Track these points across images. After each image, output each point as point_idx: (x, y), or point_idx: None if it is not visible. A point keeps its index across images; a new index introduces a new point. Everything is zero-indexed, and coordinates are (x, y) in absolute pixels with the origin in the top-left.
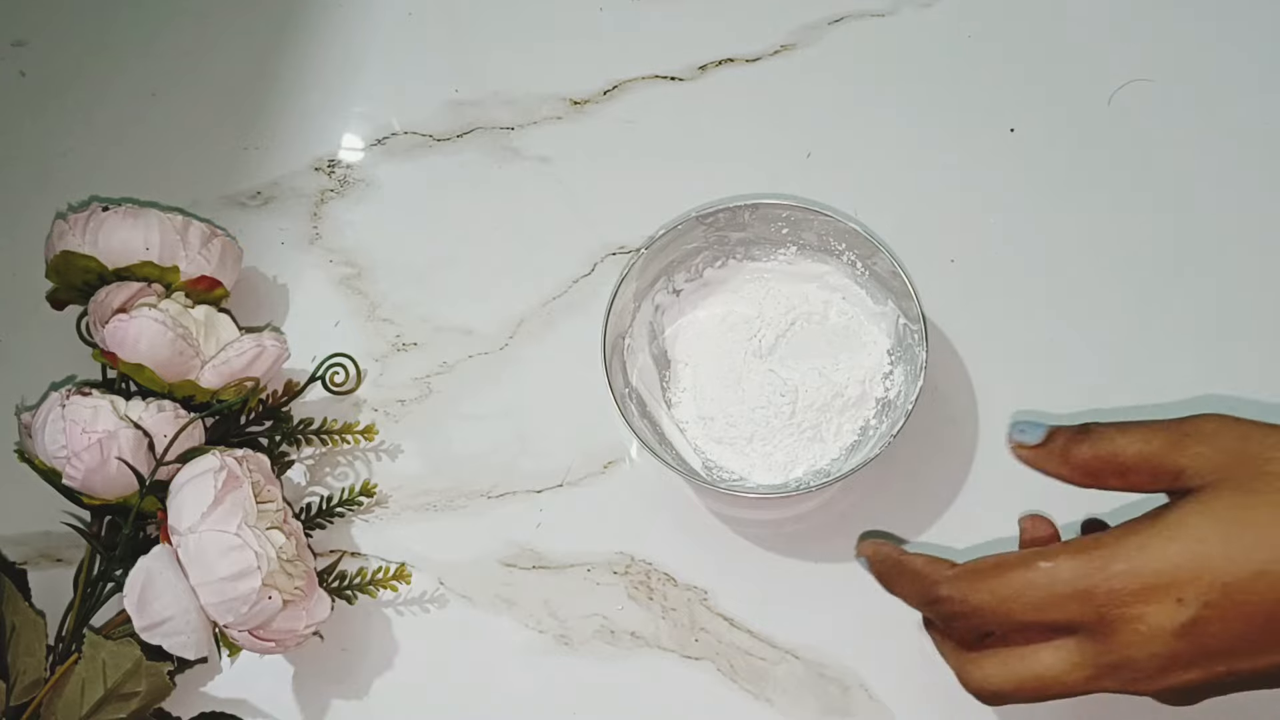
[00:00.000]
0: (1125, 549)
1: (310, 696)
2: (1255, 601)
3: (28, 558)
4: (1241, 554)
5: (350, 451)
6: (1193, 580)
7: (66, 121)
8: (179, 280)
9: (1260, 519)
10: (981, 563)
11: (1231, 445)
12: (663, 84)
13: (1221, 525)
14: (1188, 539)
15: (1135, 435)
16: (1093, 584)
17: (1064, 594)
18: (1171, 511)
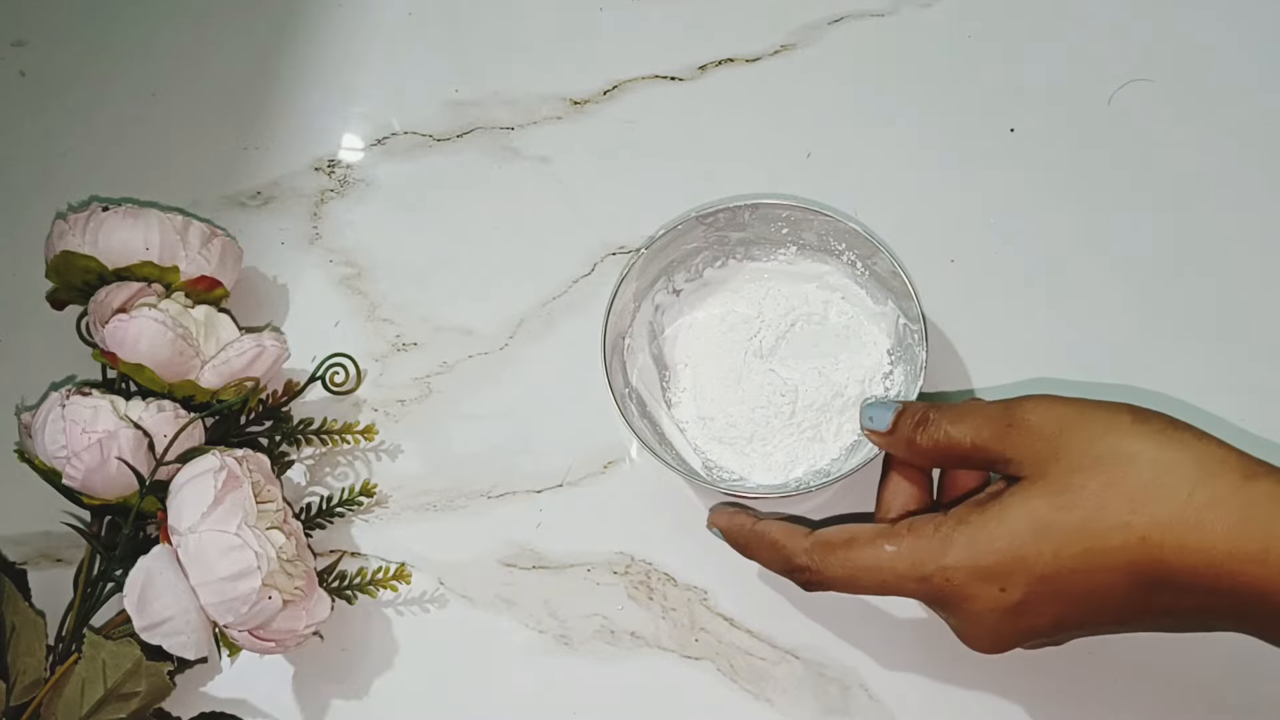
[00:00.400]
0: (957, 541)
1: (310, 696)
2: (1070, 590)
3: (28, 558)
4: (1052, 551)
5: (350, 451)
6: (1013, 572)
7: (66, 121)
8: (179, 280)
9: (1070, 520)
10: (834, 536)
11: (1051, 437)
12: (663, 84)
13: (1037, 523)
14: (1008, 535)
15: (968, 425)
16: (928, 572)
17: (904, 576)
18: (996, 503)
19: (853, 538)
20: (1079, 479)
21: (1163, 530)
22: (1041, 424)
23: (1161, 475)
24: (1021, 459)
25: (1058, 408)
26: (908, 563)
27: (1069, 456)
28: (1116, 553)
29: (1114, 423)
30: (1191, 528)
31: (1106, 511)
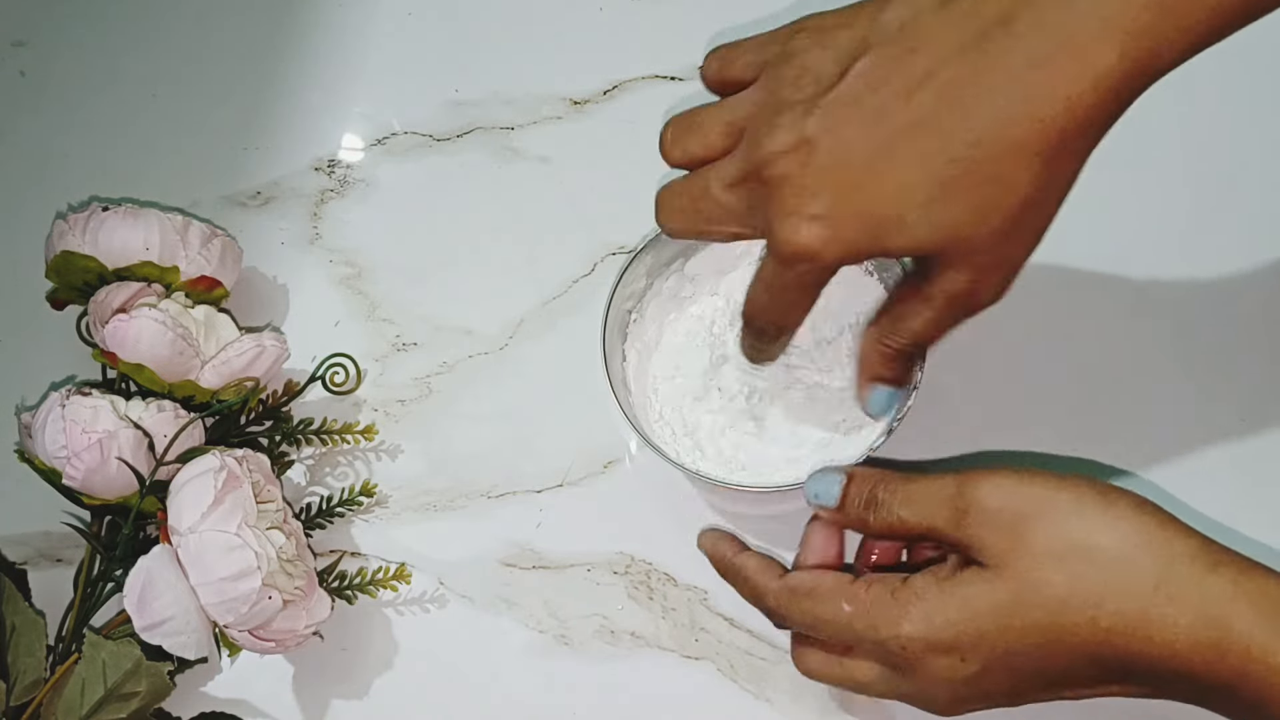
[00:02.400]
0: (913, 615)
1: (310, 696)
2: (1030, 667)
3: (28, 558)
4: (1016, 636)
5: (350, 451)
6: (972, 647)
7: (66, 121)
8: (179, 280)
9: (1034, 615)
10: (800, 583)
11: (1011, 525)
12: (663, 84)
13: (999, 611)
14: (969, 618)
15: (920, 509)
16: (884, 638)
17: (862, 638)
18: (955, 584)
19: (814, 588)
20: (1044, 575)
21: (1127, 625)
22: (1000, 510)
23: (1128, 570)
24: (981, 548)
25: (1017, 490)
26: (864, 624)
27: (1031, 551)
28: (1080, 644)
29: (1078, 509)
30: (1155, 622)
31: (1071, 608)
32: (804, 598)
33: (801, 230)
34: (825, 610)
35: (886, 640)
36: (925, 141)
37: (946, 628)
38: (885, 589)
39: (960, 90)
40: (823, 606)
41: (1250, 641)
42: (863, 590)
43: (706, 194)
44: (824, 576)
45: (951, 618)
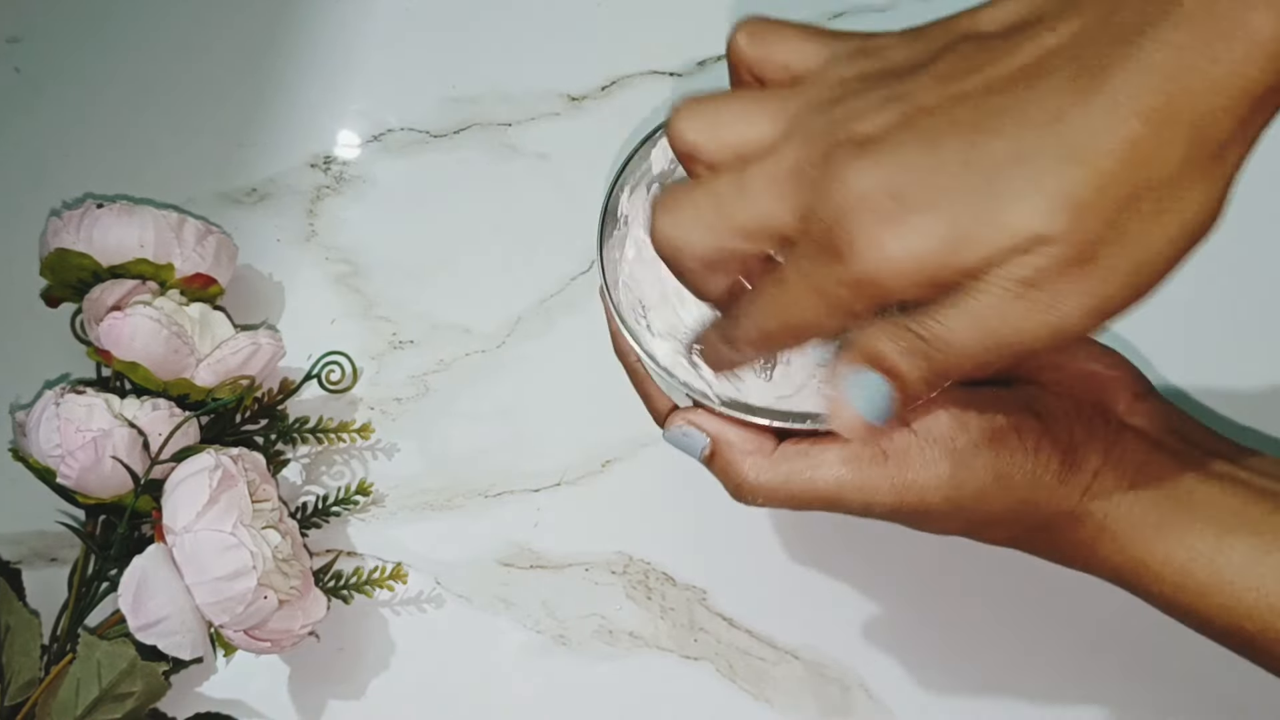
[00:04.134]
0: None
1: (306, 697)
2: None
3: (22, 557)
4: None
5: (346, 450)
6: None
7: (61, 118)
8: (174, 278)
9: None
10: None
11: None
12: (661, 79)
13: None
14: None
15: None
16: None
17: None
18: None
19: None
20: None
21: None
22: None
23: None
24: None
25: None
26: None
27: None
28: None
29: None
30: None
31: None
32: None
33: (890, 243)
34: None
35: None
36: (1044, 139)
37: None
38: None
39: (1093, 81)
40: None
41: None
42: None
43: (741, 194)
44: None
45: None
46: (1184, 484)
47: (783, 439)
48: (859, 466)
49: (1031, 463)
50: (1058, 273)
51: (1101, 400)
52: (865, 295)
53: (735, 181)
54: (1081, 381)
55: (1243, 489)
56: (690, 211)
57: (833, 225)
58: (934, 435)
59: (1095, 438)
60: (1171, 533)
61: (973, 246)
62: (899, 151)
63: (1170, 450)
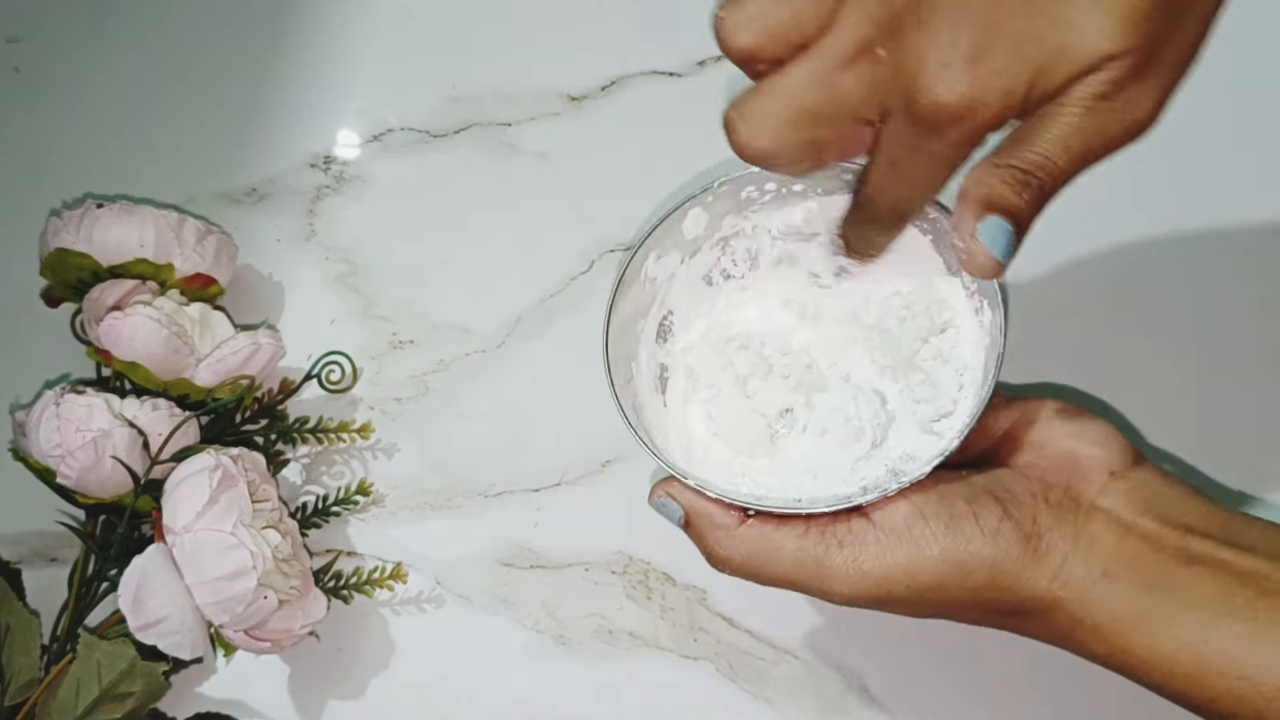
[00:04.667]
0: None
1: (306, 697)
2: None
3: (22, 557)
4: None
5: (346, 450)
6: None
7: (61, 118)
8: (174, 278)
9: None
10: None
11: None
12: (661, 79)
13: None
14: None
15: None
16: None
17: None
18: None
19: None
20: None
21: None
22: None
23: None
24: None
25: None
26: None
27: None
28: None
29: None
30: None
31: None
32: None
33: (958, 80)
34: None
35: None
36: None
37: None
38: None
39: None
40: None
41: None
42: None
43: (815, 82)
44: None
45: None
46: (1161, 569)
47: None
48: (813, 553)
49: (990, 549)
50: (1129, 80)
51: (1073, 482)
52: (968, 147)
53: (806, 74)
54: (1057, 462)
55: (1225, 571)
56: (769, 116)
57: (927, 100)
58: (891, 525)
59: (1063, 522)
60: (1153, 622)
61: (1051, 75)
62: (961, 8)
63: (1145, 534)
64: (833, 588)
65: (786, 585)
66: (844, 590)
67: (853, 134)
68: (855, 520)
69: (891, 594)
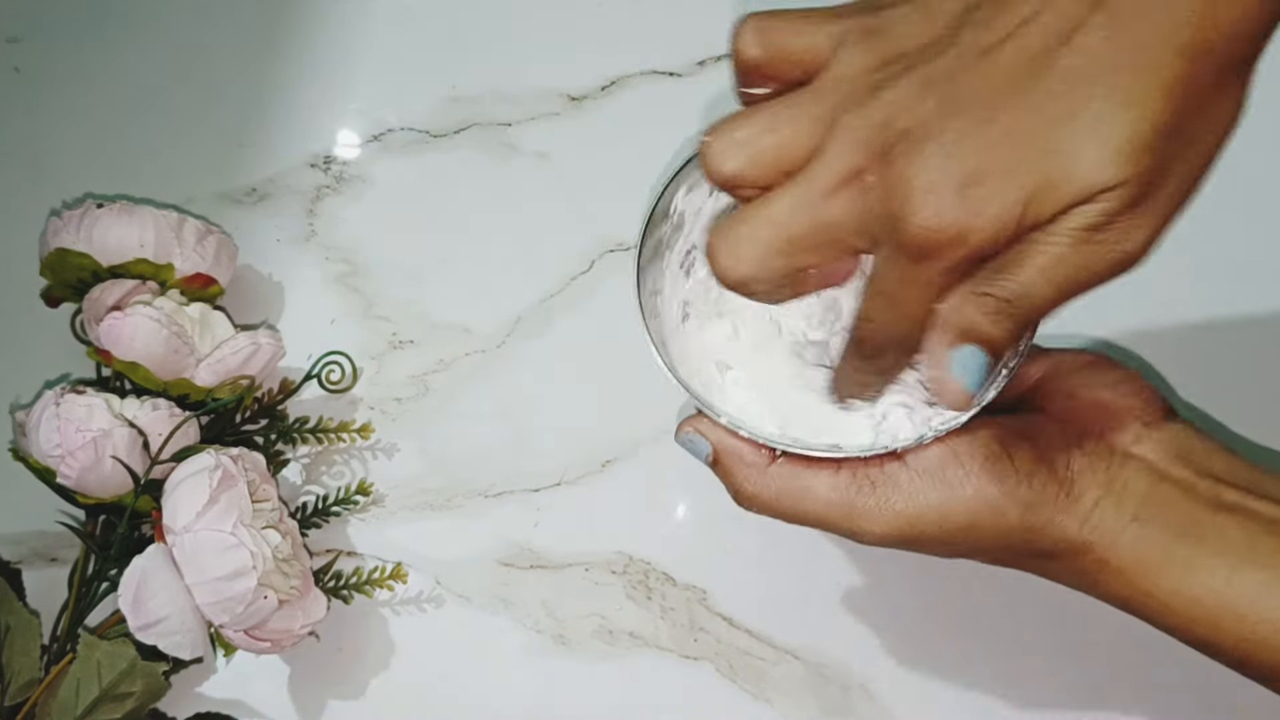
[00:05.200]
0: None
1: (306, 697)
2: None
3: (22, 557)
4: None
5: (346, 450)
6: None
7: (61, 118)
8: (174, 278)
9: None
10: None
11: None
12: (661, 79)
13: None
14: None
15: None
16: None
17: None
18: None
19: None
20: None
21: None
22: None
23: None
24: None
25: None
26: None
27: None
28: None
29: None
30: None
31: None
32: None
33: (946, 206)
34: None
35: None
36: (1082, 72)
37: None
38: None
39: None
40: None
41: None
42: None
43: (800, 210)
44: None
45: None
46: (1191, 515)
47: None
48: (845, 494)
49: (1024, 489)
50: (1122, 213)
51: (1107, 430)
52: (960, 276)
53: (791, 201)
54: (1090, 411)
55: (1253, 520)
56: (752, 243)
57: (916, 227)
58: (924, 465)
59: (1095, 468)
60: (1179, 566)
61: (1044, 204)
62: (954, 136)
63: (1177, 481)
64: (864, 527)
65: (816, 524)
66: (876, 529)
67: (836, 264)
68: (888, 463)
69: (924, 534)
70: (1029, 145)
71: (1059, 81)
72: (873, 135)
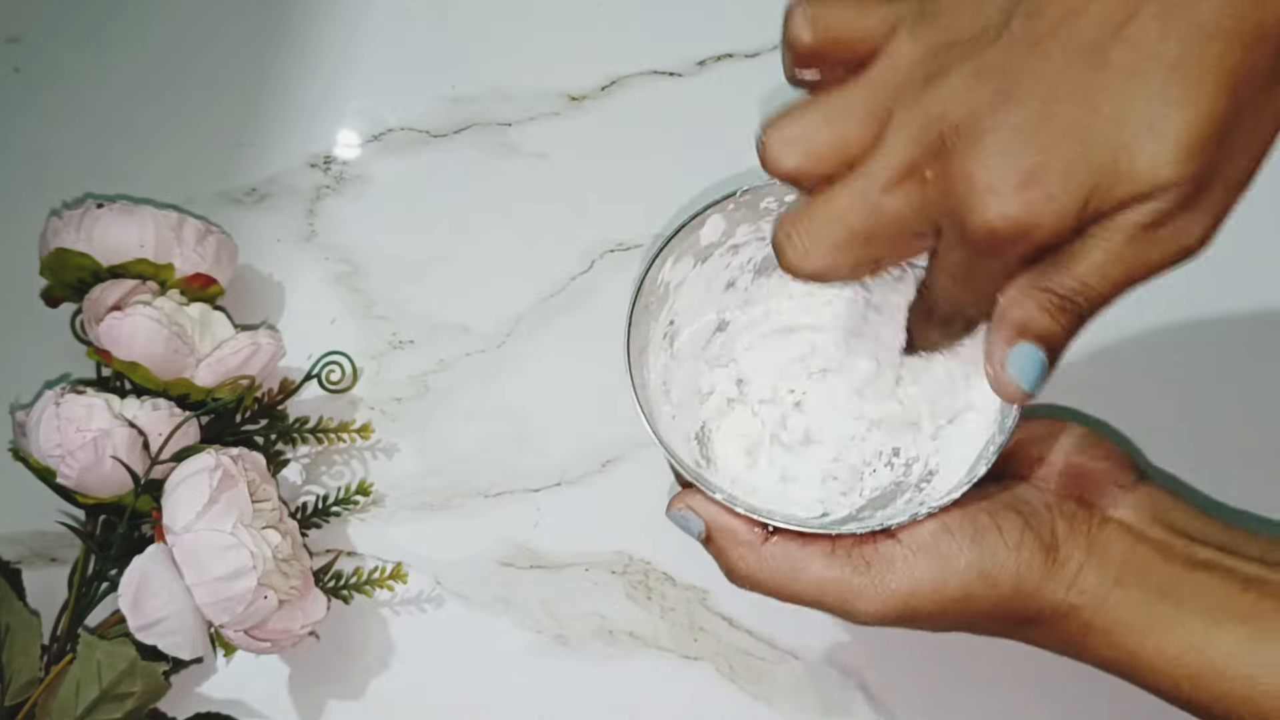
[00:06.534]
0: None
1: (306, 697)
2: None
3: (22, 557)
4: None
5: (346, 450)
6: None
7: (60, 118)
8: (174, 277)
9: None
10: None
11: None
12: (661, 79)
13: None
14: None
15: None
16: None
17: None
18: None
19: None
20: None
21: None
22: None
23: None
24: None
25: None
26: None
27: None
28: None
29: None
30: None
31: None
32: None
33: (1009, 205)
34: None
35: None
36: (1138, 63)
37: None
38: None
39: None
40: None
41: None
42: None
43: (862, 206)
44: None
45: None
46: (1170, 575)
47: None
48: (841, 573)
49: (1014, 559)
50: (1180, 209)
51: (1085, 494)
52: (1019, 267)
53: (851, 197)
54: (1066, 476)
55: (1229, 577)
56: (816, 240)
57: (979, 224)
58: (918, 542)
59: (1077, 533)
60: (1161, 626)
61: (1104, 199)
62: (1010, 132)
63: (1154, 541)
64: (859, 607)
65: (810, 604)
66: (870, 609)
67: (906, 244)
68: (882, 541)
69: (918, 610)
70: (1087, 142)
71: (1113, 75)
72: (928, 129)
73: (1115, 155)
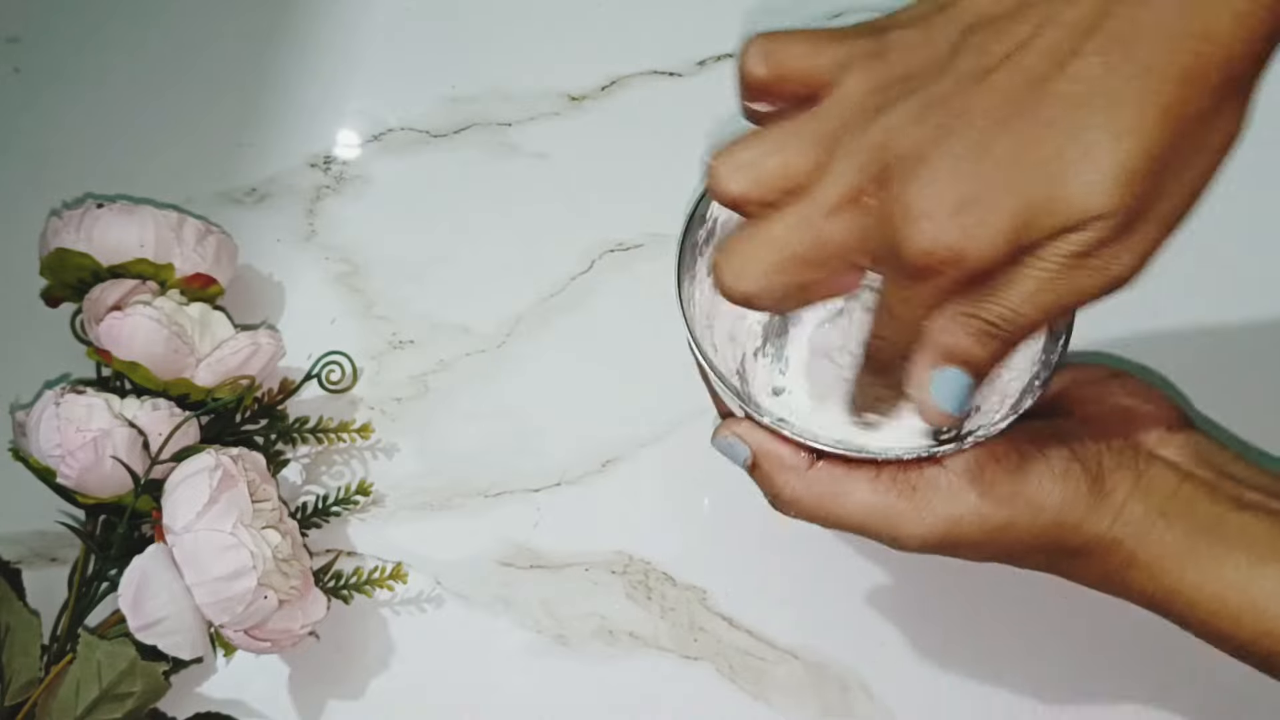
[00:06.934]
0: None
1: (306, 697)
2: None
3: (22, 557)
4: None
5: (346, 450)
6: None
7: (60, 118)
8: (174, 277)
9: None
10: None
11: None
12: (661, 79)
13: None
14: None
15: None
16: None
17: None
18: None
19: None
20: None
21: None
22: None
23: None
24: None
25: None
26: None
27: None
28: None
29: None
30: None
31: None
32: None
33: (943, 230)
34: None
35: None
36: (1079, 99)
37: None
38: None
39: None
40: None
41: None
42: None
43: (802, 230)
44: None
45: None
46: (1215, 513)
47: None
48: (886, 498)
49: (1059, 488)
50: (1112, 239)
51: (1132, 433)
52: (954, 294)
53: (792, 221)
54: (1114, 416)
55: (1275, 519)
56: (754, 261)
57: (911, 249)
58: (962, 467)
59: (1124, 467)
60: (1204, 561)
61: (1036, 228)
62: (951, 161)
63: (1201, 481)
64: (903, 531)
65: (855, 529)
66: (915, 534)
67: (840, 277)
68: (928, 467)
69: (962, 536)
70: (1022, 171)
71: (1054, 108)
72: (872, 157)
73: (1050, 184)
